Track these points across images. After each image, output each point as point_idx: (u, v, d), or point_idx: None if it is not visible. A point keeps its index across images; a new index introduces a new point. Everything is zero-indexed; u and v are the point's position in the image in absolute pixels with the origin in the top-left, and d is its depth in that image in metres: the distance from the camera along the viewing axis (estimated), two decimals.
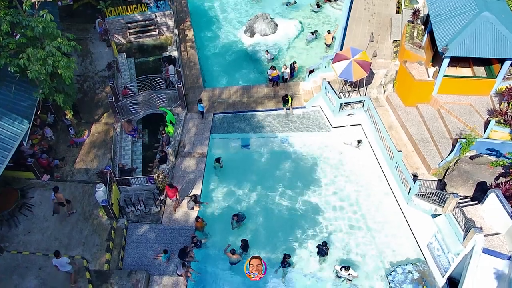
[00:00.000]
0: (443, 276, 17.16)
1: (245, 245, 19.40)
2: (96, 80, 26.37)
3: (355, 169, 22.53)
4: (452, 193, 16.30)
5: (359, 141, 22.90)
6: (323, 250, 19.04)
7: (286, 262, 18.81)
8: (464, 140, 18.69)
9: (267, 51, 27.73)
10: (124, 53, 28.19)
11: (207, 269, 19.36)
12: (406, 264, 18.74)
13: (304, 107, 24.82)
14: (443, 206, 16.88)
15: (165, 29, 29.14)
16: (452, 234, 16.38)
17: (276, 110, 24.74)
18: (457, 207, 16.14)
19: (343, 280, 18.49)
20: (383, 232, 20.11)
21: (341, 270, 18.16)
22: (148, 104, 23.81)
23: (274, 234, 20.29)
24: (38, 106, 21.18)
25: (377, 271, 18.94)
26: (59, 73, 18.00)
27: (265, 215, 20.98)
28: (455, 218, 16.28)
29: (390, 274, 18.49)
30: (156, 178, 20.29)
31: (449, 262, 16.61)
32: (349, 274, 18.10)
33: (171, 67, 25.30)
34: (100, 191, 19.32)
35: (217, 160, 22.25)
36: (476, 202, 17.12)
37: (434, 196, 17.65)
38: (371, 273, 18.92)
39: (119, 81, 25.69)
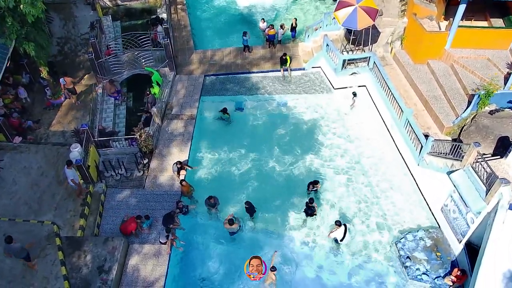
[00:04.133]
0: (460, 242, 15.05)
1: (249, 208, 17.13)
2: (78, 42, 24.32)
3: (359, 132, 20.43)
4: (474, 142, 14.12)
5: (354, 94, 20.78)
6: (309, 209, 17.04)
7: (310, 208, 16.85)
8: (483, 92, 16.60)
9: (263, 19, 25.12)
10: (110, 16, 26.16)
11: (195, 238, 17.36)
12: (417, 231, 16.58)
13: (304, 69, 22.69)
14: (461, 160, 14.73)
15: None
16: (472, 191, 14.22)
17: (273, 71, 22.60)
18: (479, 159, 14.01)
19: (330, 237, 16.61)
20: (391, 197, 17.97)
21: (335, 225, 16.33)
22: (133, 63, 21.76)
23: (270, 200, 18.19)
24: (10, 62, 19.16)
25: (385, 238, 16.85)
26: (21, 8, 15.84)
27: (260, 180, 18.89)
28: (476, 172, 14.16)
29: (400, 242, 16.34)
30: (138, 138, 18.28)
31: (467, 224, 14.49)
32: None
33: (159, 27, 23.34)
34: (75, 151, 17.40)
35: (224, 110, 20.39)
36: (499, 156, 15.04)
37: (451, 151, 15.48)
38: (378, 240, 16.83)
39: (103, 42, 23.68)
